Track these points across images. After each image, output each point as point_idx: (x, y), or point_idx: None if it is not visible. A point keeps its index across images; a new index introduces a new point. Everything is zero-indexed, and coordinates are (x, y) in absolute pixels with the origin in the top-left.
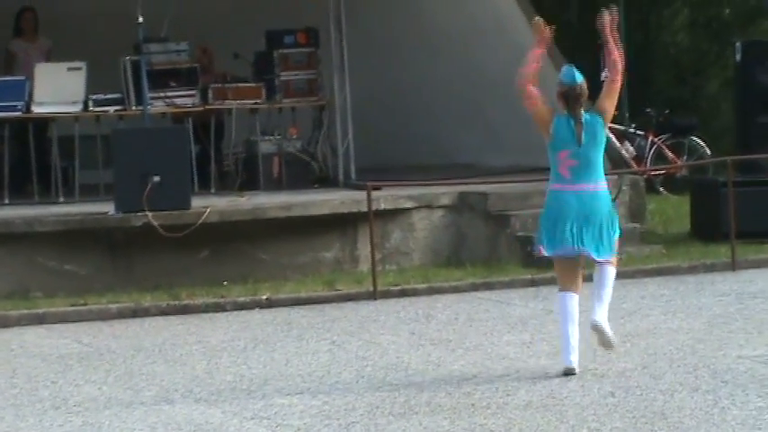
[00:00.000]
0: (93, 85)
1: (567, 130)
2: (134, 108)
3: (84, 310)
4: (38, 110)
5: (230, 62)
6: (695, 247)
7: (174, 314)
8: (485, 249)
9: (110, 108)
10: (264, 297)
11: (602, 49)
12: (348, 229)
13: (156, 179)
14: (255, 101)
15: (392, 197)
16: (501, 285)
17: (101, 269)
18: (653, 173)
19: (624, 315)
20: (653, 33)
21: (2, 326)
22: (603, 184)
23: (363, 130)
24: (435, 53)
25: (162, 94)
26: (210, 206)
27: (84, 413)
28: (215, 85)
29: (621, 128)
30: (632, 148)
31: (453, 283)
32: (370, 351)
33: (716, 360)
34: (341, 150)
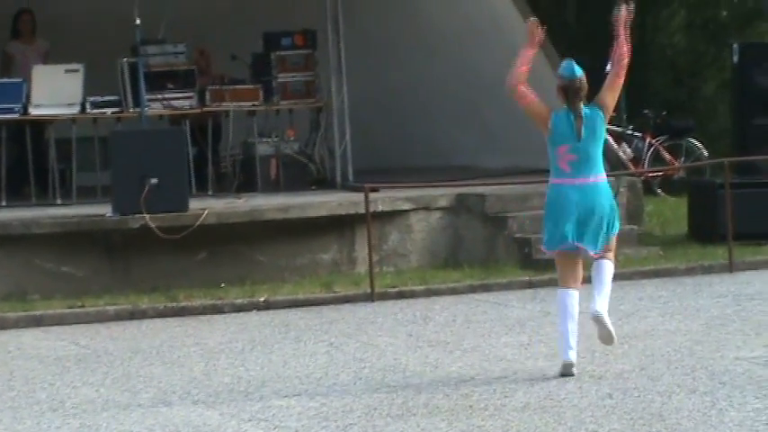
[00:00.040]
0: (91, 86)
1: (567, 124)
2: (131, 110)
3: (82, 312)
4: (35, 112)
5: (228, 64)
6: (693, 249)
7: (172, 316)
8: (482, 251)
9: (107, 110)
10: (262, 299)
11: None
12: (346, 230)
13: (154, 181)
14: (253, 103)
15: (390, 199)
16: (498, 287)
17: (98, 271)
18: (650, 174)
19: (622, 316)
20: (650, 35)
21: None
22: (603, 177)
23: (361, 132)
24: (432, 54)
25: (159, 95)
26: (208, 208)
27: (82, 415)
28: (212, 87)
29: (619, 129)
30: (630, 150)
31: (451, 285)
32: (368, 353)
33: (713, 362)
34: (338, 152)
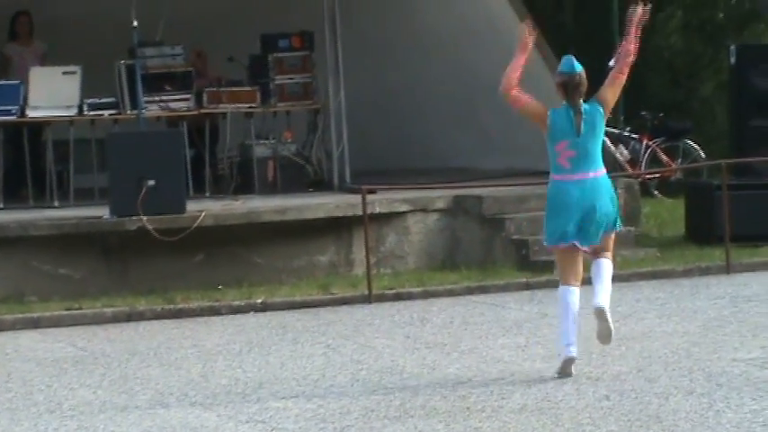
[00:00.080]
0: (88, 88)
1: (566, 120)
2: (129, 112)
3: (79, 314)
4: (33, 114)
5: (225, 66)
6: (690, 251)
7: (169, 318)
8: (480, 253)
9: (104, 112)
10: (259, 301)
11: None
12: (343, 232)
13: (151, 183)
14: (250, 104)
15: (387, 201)
16: (496, 289)
17: (95, 273)
18: (648, 176)
19: (619, 318)
20: (646, 36)
21: None
22: (603, 172)
23: (358, 134)
24: (429, 56)
25: (157, 97)
26: (205, 210)
27: (79, 417)
28: (210, 89)
29: (616, 131)
30: (627, 152)
31: (448, 287)
32: (365, 355)
33: (711, 363)
34: (336, 154)
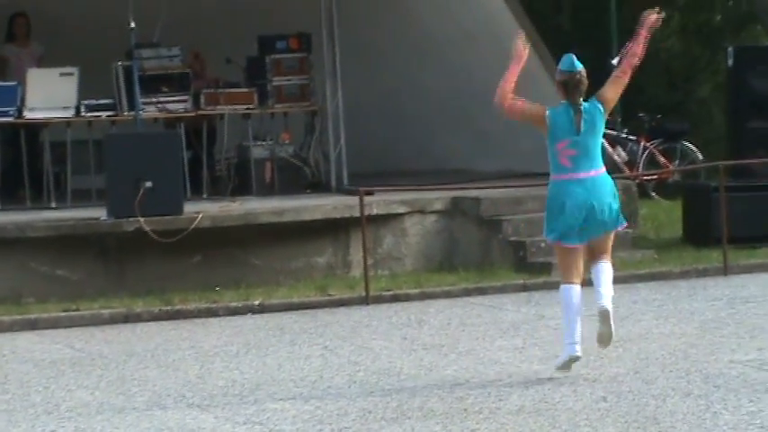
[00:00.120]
0: (86, 90)
1: (566, 118)
2: (126, 113)
3: (77, 315)
4: (30, 115)
5: (222, 67)
6: (687, 252)
7: (167, 319)
8: (477, 254)
9: (102, 113)
10: (257, 302)
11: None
12: (340, 234)
13: (149, 184)
14: (248, 106)
15: (384, 202)
16: (493, 290)
17: (93, 274)
18: (645, 178)
19: (617, 320)
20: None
21: None
22: (603, 170)
23: (355, 136)
24: (426, 58)
25: (154, 99)
26: (203, 211)
27: (77, 418)
28: (207, 91)
29: (614, 133)
30: (624, 153)
31: (445, 288)
32: (363, 356)
33: (708, 365)
34: (333, 155)
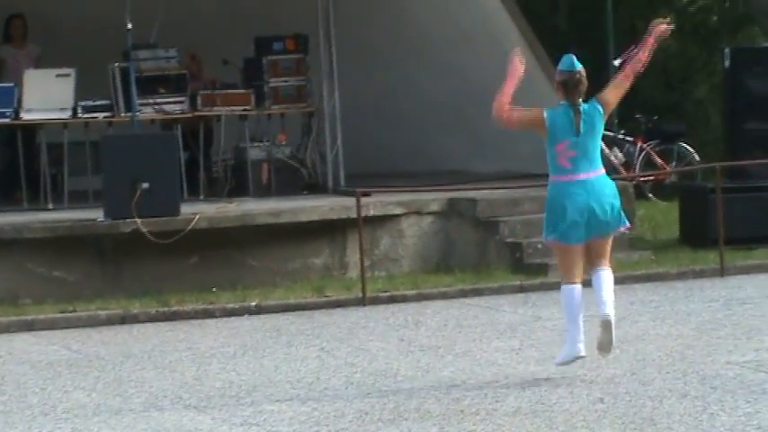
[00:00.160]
0: (82, 91)
1: (566, 118)
2: (123, 114)
3: (73, 316)
4: (27, 116)
5: (219, 68)
6: (684, 254)
7: (163, 321)
8: (474, 255)
9: (99, 114)
10: (254, 303)
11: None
12: (337, 235)
13: (145, 186)
14: (244, 107)
15: (381, 203)
16: (490, 291)
17: (90, 276)
18: (642, 179)
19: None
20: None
21: None
22: (603, 171)
23: (352, 137)
24: (422, 59)
25: (151, 100)
26: (199, 213)
27: (74, 420)
28: (204, 92)
29: (611, 134)
30: (621, 155)
31: (442, 290)
32: (360, 357)
33: (705, 366)
34: (330, 157)
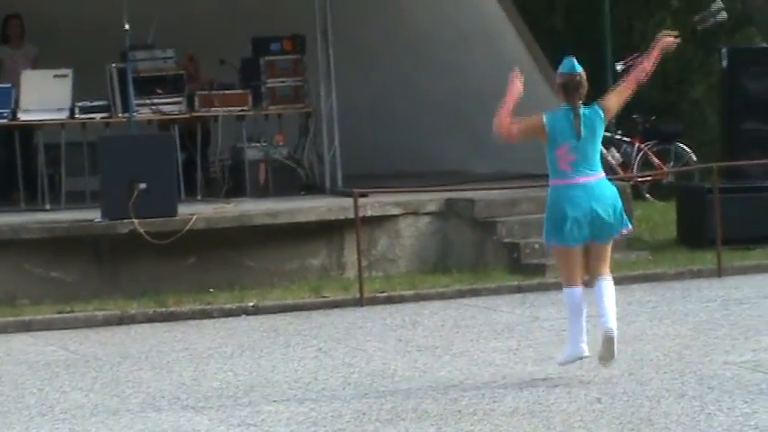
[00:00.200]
0: (80, 92)
1: (566, 122)
2: (120, 115)
3: (71, 317)
4: (24, 117)
5: (216, 69)
6: (681, 254)
7: (161, 321)
8: (471, 256)
9: (96, 115)
10: (251, 304)
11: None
12: (335, 235)
13: (143, 186)
14: (242, 108)
15: (379, 204)
16: (487, 292)
17: (87, 276)
18: (639, 179)
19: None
20: (637, 38)
21: None
22: (603, 175)
23: (350, 137)
24: (420, 59)
25: (148, 101)
26: (197, 213)
27: (71, 420)
28: (201, 92)
29: (608, 134)
30: (618, 155)
31: (440, 290)
32: (357, 358)
33: (702, 366)
34: (327, 157)
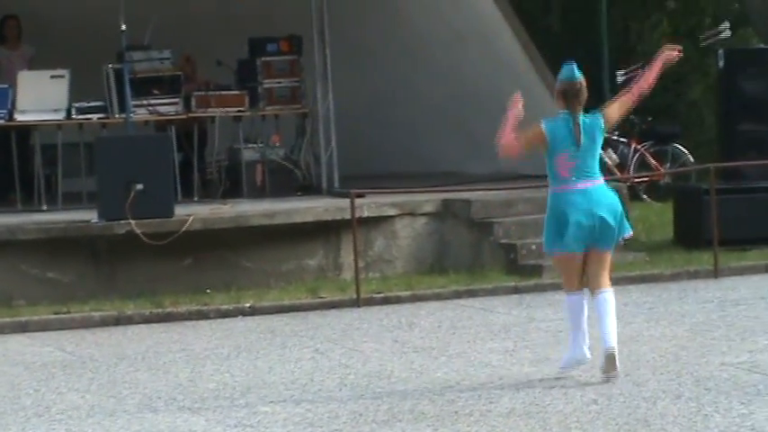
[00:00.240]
0: (76, 92)
1: (566, 129)
2: (117, 116)
3: (67, 318)
4: (21, 118)
5: (213, 70)
6: (678, 255)
7: (157, 322)
8: (468, 257)
9: (93, 116)
10: (248, 305)
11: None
12: (331, 236)
13: (139, 187)
14: (238, 108)
15: (375, 204)
16: (484, 293)
17: (84, 277)
18: (636, 180)
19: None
20: (633, 39)
21: None
22: (602, 180)
23: (346, 138)
24: (416, 60)
25: (145, 101)
26: (193, 214)
27: (68, 421)
28: (198, 93)
29: (605, 135)
30: (615, 156)
31: (436, 291)
32: (354, 359)
33: (699, 367)
34: (324, 158)
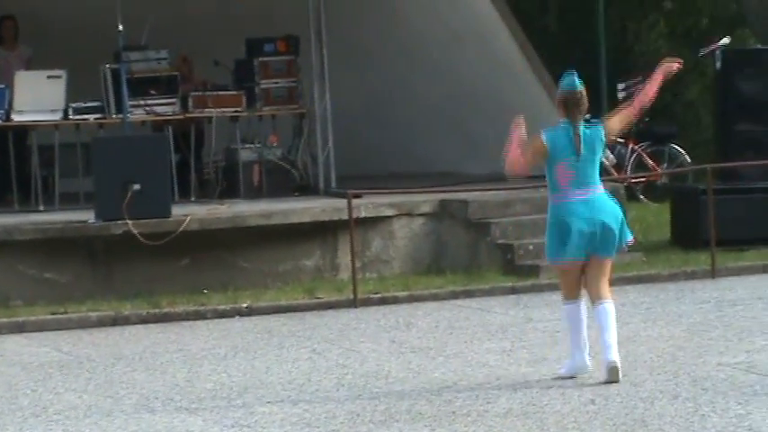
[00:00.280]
0: (73, 93)
1: (566, 138)
2: (114, 116)
3: (64, 318)
4: (18, 118)
5: (210, 70)
6: (675, 255)
7: (155, 322)
8: (465, 257)
9: (90, 116)
10: (245, 305)
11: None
12: (328, 237)
13: (137, 187)
14: (236, 109)
15: (372, 205)
16: (481, 293)
17: (81, 277)
18: (633, 180)
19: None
20: (631, 39)
21: None
22: (602, 188)
23: (343, 138)
24: (414, 61)
25: (142, 102)
26: (191, 214)
27: (65, 421)
28: (195, 93)
29: None
30: (612, 156)
31: (433, 291)
32: (351, 359)
33: (696, 367)
34: (321, 158)
